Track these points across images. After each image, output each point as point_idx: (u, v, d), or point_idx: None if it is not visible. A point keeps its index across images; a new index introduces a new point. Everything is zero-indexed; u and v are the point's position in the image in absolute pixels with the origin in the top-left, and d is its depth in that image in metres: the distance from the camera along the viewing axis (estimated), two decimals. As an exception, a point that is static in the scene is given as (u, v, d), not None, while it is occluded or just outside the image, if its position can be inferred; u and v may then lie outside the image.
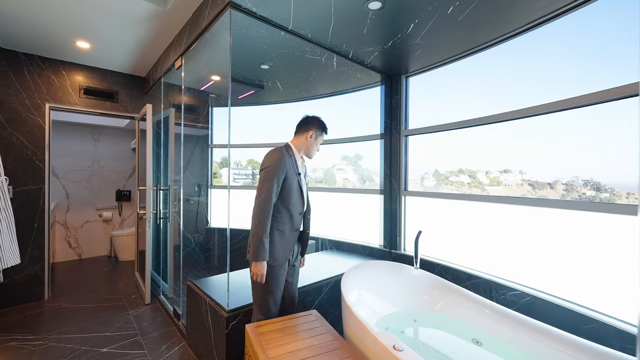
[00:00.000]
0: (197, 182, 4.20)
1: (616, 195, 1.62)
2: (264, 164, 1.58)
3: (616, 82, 1.53)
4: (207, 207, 4.07)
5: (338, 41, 2.17)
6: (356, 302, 1.71)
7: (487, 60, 2.22)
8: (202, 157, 4.23)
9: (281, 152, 1.61)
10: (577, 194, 1.76)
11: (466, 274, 2.20)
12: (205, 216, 4.06)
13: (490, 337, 1.57)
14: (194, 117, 3.94)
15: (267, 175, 1.54)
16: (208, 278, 2.21)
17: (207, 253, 3.97)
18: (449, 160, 2.52)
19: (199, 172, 4.22)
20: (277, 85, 3.12)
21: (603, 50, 1.67)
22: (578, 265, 1.71)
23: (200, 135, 4.27)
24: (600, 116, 1.64)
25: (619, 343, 1.42)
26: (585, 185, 1.73)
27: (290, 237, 1.64)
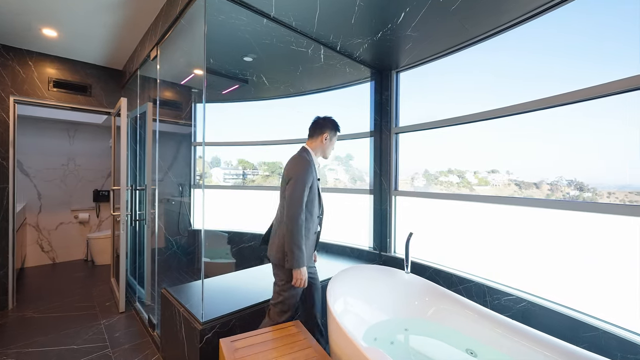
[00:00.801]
0: (179, 182, 4.01)
1: (598, 194, 1.62)
2: (294, 173, 1.60)
3: (601, 79, 1.48)
4: (189, 208, 3.88)
5: (325, 31, 2.03)
6: (343, 311, 1.58)
7: (476, 56, 2.13)
8: (186, 156, 4.04)
9: (308, 161, 1.65)
10: (561, 193, 1.77)
11: (458, 277, 2.10)
12: (188, 217, 3.87)
13: (485, 347, 1.47)
14: (176, 114, 3.74)
15: (299, 186, 1.57)
16: (183, 285, 2.05)
17: (189, 256, 3.79)
18: (438, 160, 2.47)
19: (183, 171, 4.03)
20: (262, 79, 2.97)
21: (604, 46, 1.58)
22: (575, 268, 1.63)
23: (184, 133, 4.07)
24: (585, 115, 1.61)
25: (621, 353, 1.33)
26: (569, 185, 1.74)
27: (312, 239, 1.70)
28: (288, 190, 1.57)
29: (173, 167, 4.03)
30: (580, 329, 1.48)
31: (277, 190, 3.66)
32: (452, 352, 1.56)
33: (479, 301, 1.94)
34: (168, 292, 1.94)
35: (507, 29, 1.89)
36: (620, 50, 1.50)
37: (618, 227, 1.47)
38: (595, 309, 1.51)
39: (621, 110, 1.50)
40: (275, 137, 3.54)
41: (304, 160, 1.65)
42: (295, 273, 1.55)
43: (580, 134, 1.67)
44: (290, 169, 1.63)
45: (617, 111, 1.51)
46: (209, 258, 3.43)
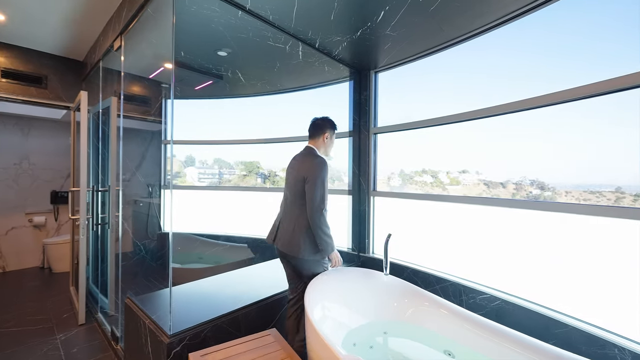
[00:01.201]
0: (149, 182, 3.78)
1: (557, 193, 1.71)
2: (314, 172, 1.71)
3: (567, 84, 1.54)
4: (159, 209, 3.67)
5: (303, 27, 1.97)
6: (322, 317, 1.53)
7: (453, 59, 2.16)
8: (156, 154, 3.81)
9: (325, 160, 1.79)
10: (525, 192, 1.86)
11: (435, 277, 2.12)
12: (158, 220, 3.65)
13: (462, 348, 1.48)
14: (144, 109, 3.52)
15: (323, 184, 1.71)
16: (150, 294, 1.90)
17: (159, 261, 3.57)
18: (413, 161, 2.53)
19: (152, 170, 3.80)
20: (237, 76, 2.85)
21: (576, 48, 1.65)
22: (544, 266, 1.68)
23: (154, 130, 3.85)
24: (546, 121, 1.70)
25: (588, 348, 1.38)
26: (532, 184, 1.83)
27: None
28: (311, 189, 1.69)
29: (141, 166, 3.80)
30: (551, 326, 1.53)
31: (255, 190, 3.55)
32: (431, 354, 1.56)
33: (456, 300, 1.96)
34: (132, 302, 1.79)
35: (481, 33, 1.92)
36: (594, 53, 1.57)
37: (581, 226, 1.54)
38: (564, 305, 1.56)
39: (577, 116, 1.59)
40: (253, 136, 3.43)
41: (322, 160, 1.78)
42: (332, 256, 1.77)
43: (540, 137, 1.76)
44: (310, 169, 1.73)
45: (574, 117, 1.61)
46: (179, 263, 3.25)
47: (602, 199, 1.54)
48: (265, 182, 3.79)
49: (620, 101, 1.42)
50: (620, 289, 1.41)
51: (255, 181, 3.85)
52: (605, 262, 1.47)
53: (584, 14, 1.56)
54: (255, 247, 3.24)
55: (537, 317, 1.59)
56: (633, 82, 1.32)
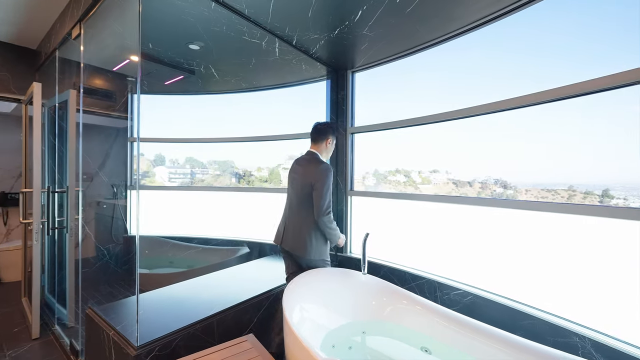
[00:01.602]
0: (113, 183, 3.53)
1: (518, 191, 1.83)
2: (321, 178, 1.82)
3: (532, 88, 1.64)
4: (125, 211, 3.44)
5: (280, 23, 1.92)
6: (300, 319, 1.50)
7: (428, 60, 2.21)
8: (122, 153, 3.57)
9: (329, 166, 1.89)
10: (489, 190, 1.97)
11: (411, 274, 2.16)
12: (124, 222, 3.42)
13: (439, 344, 1.51)
14: (108, 104, 3.28)
15: (328, 191, 1.82)
16: (115, 303, 1.77)
17: (125, 267, 3.35)
18: (387, 160, 2.59)
19: (117, 170, 3.56)
20: (211, 71, 2.74)
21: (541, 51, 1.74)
22: (511, 261, 1.77)
23: (119, 127, 3.60)
24: (508, 122, 1.81)
25: (552, 337, 1.47)
26: (496, 183, 1.94)
27: None
28: (319, 196, 1.80)
29: (105, 165, 3.54)
30: (518, 318, 1.61)
31: (230, 191, 3.43)
32: (408, 351, 1.58)
33: (431, 297, 2.01)
34: (94, 312, 1.65)
35: (456, 36, 1.98)
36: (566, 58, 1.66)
37: (540, 221, 1.63)
38: (530, 297, 1.65)
39: (534, 121, 1.71)
40: (227, 134, 3.31)
41: (328, 166, 1.89)
42: (340, 240, 1.94)
43: (503, 139, 1.88)
44: (316, 176, 1.83)
45: (532, 121, 1.72)
46: (147, 269, 3.07)
47: (557, 196, 1.66)
48: (240, 182, 3.69)
49: (575, 107, 1.53)
50: (578, 280, 1.51)
51: (230, 181, 3.73)
52: (564, 255, 1.57)
53: (548, 21, 1.66)
54: (231, 249, 3.13)
55: (506, 310, 1.66)
56: (595, 87, 1.41)
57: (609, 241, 1.42)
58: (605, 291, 1.43)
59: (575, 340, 1.39)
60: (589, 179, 1.56)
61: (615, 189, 1.47)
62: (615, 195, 1.47)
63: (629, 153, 1.41)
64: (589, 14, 1.55)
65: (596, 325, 1.40)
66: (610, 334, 1.35)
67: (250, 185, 3.58)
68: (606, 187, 1.50)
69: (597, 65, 1.45)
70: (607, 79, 1.36)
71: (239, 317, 1.75)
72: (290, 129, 2.96)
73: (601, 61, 1.47)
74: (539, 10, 1.63)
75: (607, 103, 1.45)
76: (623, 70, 1.31)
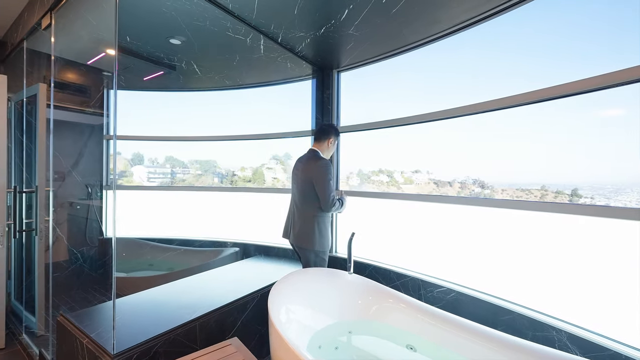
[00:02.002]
0: (88, 182, 3.36)
1: (494, 191, 1.91)
2: (322, 175, 1.95)
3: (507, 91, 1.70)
4: (101, 212, 3.29)
5: (265, 19, 1.89)
6: (286, 321, 1.47)
7: (413, 61, 2.25)
8: (97, 151, 3.40)
9: (327, 162, 2.01)
10: (468, 190, 2.04)
11: (396, 273, 2.19)
12: (99, 224, 3.27)
13: (424, 341, 1.53)
14: (82, 100, 3.12)
15: (329, 184, 1.95)
16: (89, 309, 1.68)
17: (101, 270, 3.20)
18: (370, 161, 2.64)
19: (92, 169, 3.39)
20: (193, 67, 2.66)
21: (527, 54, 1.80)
22: (492, 258, 1.82)
23: (94, 124, 3.42)
24: (487, 125, 1.88)
25: (531, 331, 1.52)
26: (474, 183, 2.02)
27: (330, 228, 2.09)
28: (321, 190, 1.94)
29: (79, 164, 3.36)
30: (499, 313, 1.66)
31: (212, 191, 3.35)
32: (394, 349, 1.59)
33: (415, 294, 2.04)
34: (67, 320, 1.56)
35: (439, 39, 2.02)
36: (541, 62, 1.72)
37: (518, 219, 1.69)
38: (510, 293, 1.71)
39: (509, 123, 1.79)
40: (210, 133, 3.23)
41: (325, 162, 2.00)
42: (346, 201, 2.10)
43: (481, 140, 1.96)
44: (316, 172, 1.96)
45: (508, 124, 1.80)
46: (124, 272, 2.94)
47: (531, 195, 1.75)
48: (223, 182, 3.60)
49: (544, 112, 1.61)
50: (554, 275, 1.57)
51: (212, 181, 3.64)
52: (540, 251, 1.63)
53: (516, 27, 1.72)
54: (214, 250, 3.05)
55: (487, 306, 1.71)
56: (561, 92, 1.47)
57: (582, 238, 1.49)
58: (580, 285, 1.49)
59: (552, 334, 1.44)
60: (559, 179, 1.66)
61: (584, 189, 1.56)
62: (583, 195, 1.56)
63: (596, 155, 1.50)
64: (558, 20, 1.61)
65: (571, 319, 1.46)
66: (584, 326, 1.42)
67: (234, 185, 3.51)
68: (575, 187, 1.58)
69: (570, 68, 1.52)
70: (578, 84, 1.42)
71: (223, 320, 1.71)
72: (275, 128, 2.92)
73: (573, 65, 1.54)
74: (507, 19, 1.68)
75: (575, 108, 1.53)
76: (592, 76, 1.38)
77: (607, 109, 1.46)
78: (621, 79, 1.29)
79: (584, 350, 1.34)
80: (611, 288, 1.41)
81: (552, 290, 1.57)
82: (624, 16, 1.40)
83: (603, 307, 1.41)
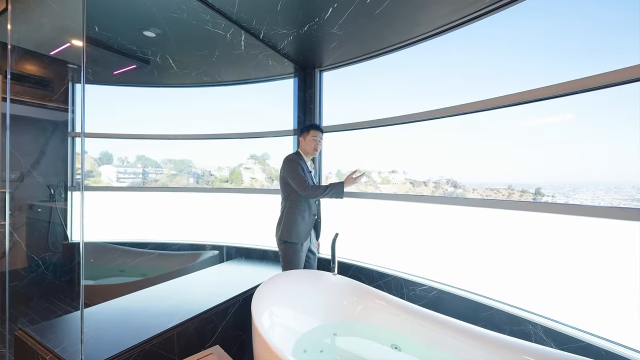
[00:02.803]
0: (50, 183, 3.11)
1: (466, 190, 1.99)
2: (288, 169, 2.02)
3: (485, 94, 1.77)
4: (65, 215, 3.05)
5: (247, 14, 1.83)
6: (270, 325, 1.43)
7: (394, 61, 2.28)
8: (61, 149, 3.16)
9: (293, 158, 2.06)
10: (442, 190, 2.12)
11: (379, 273, 2.20)
12: (63, 228, 3.03)
13: (409, 340, 1.54)
14: (44, 94, 2.87)
15: (295, 173, 1.99)
16: (53, 321, 1.55)
17: (66, 277, 2.97)
18: (349, 161, 2.68)
19: (55, 169, 3.14)
20: (168, 62, 2.53)
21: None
22: (470, 256, 1.88)
23: (58, 120, 3.17)
24: (458, 128, 1.97)
25: (509, 326, 1.58)
26: (447, 183, 2.10)
27: (309, 220, 2.08)
28: (291, 178, 2.00)
29: (40, 163, 3.10)
30: (479, 310, 1.71)
31: (188, 191, 3.21)
32: (379, 349, 1.59)
33: (398, 293, 2.06)
34: (26, 334, 1.42)
35: (419, 41, 2.05)
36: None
37: (492, 218, 1.76)
38: (490, 291, 1.77)
39: (479, 126, 1.87)
40: (185, 131, 3.09)
41: (287, 157, 2.08)
42: (350, 183, 1.98)
43: (453, 142, 2.04)
44: (283, 167, 2.06)
45: (478, 127, 1.88)
46: (92, 279, 2.75)
47: (499, 194, 1.84)
48: (199, 182, 3.47)
49: (511, 115, 1.70)
50: (529, 271, 1.64)
51: (188, 181, 3.49)
52: (515, 248, 1.70)
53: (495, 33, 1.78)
54: (191, 253, 2.93)
55: (468, 303, 1.76)
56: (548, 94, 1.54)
57: (550, 234, 1.57)
58: (554, 280, 1.57)
59: (529, 328, 1.50)
60: (523, 179, 1.77)
61: (546, 188, 1.66)
62: (545, 193, 1.66)
63: (555, 158, 1.62)
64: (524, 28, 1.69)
65: (546, 312, 1.53)
66: (558, 319, 1.49)
67: (210, 186, 3.39)
68: (538, 186, 1.68)
69: (534, 74, 1.60)
70: (540, 91, 1.50)
71: (202, 327, 1.63)
72: (254, 127, 2.85)
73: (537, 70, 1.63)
74: (482, 26, 1.74)
75: (532, 114, 1.63)
76: (554, 84, 1.46)
77: (559, 114, 1.57)
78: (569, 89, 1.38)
79: (558, 342, 1.41)
80: (582, 281, 1.49)
81: (528, 284, 1.64)
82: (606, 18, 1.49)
83: (575, 300, 1.49)
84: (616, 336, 1.32)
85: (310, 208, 2.10)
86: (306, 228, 2.06)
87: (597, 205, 1.40)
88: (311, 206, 2.11)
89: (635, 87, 1.26)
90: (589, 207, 1.37)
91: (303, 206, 2.06)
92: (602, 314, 1.41)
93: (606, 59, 1.37)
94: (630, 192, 1.47)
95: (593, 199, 1.55)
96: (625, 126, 1.40)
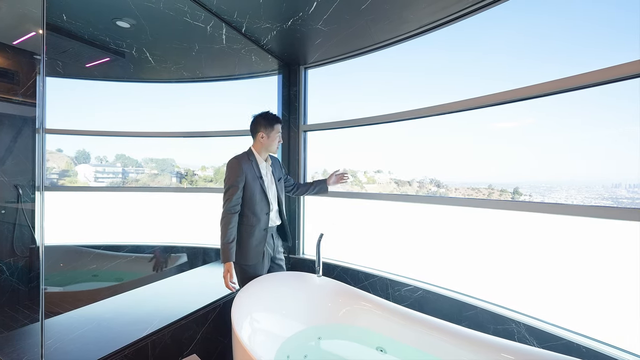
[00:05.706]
0: (17, 183, 2.91)
1: (449, 190, 2.02)
2: (225, 176, 1.73)
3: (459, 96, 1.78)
4: (33, 217, 2.86)
5: (228, 6, 1.75)
6: (252, 332, 1.37)
7: (382, 60, 2.25)
8: (29, 147, 2.95)
9: (238, 160, 1.71)
10: (426, 189, 2.14)
11: (364, 273, 2.17)
12: (31, 231, 2.84)
13: (394, 342, 1.52)
14: (8, 87, 2.67)
15: (227, 187, 1.69)
16: (12, 333, 1.44)
17: (33, 283, 2.78)
18: (334, 160, 2.66)
19: (22, 167, 2.93)
20: (145, 55, 2.40)
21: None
22: (454, 255, 1.88)
23: (25, 116, 2.96)
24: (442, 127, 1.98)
25: (493, 325, 1.58)
26: (431, 182, 2.12)
27: (260, 236, 1.72)
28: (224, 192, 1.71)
29: (5, 162, 2.89)
30: (463, 309, 1.70)
31: (170, 191, 3.08)
32: (364, 352, 1.56)
33: (383, 294, 2.04)
34: (-18, 349, 1.29)
35: (405, 40, 2.03)
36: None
37: (476, 217, 1.77)
38: (474, 290, 1.77)
39: (461, 125, 1.89)
40: (167, 129, 2.97)
41: (234, 161, 1.72)
42: (224, 269, 1.63)
43: (436, 142, 2.07)
44: (225, 172, 1.74)
45: (457, 129, 1.90)
46: (60, 286, 2.59)
47: (480, 193, 1.87)
48: (182, 182, 3.34)
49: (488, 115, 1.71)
50: (512, 269, 1.66)
51: (170, 181, 3.36)
52: (497, 246, 1.71)
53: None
54: (171, 256, 2.81)
55: (452, 303, 1.75)
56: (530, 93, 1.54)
57: (535, 233, 1.58)
58: (538, 279, 1.58)
59: (512, 326, 1.51)
60: (502, 179, 1.81)
61: (523, 187, 1.69)
62: (523, 192, 1.69)
63: (532, 158, 1.66)
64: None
65: (528, 311, 1.54)
66: (540, 317, 1.50)
67: (194, 186, 3.27)
68: (516, 186, 1.71)
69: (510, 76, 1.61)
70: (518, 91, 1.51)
71: (180, 334, 1.55)
72: (238, 124, 2.76)
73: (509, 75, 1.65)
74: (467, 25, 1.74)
75: (510, 116, 1.65)
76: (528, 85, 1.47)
77: (534, 116, 1.59)
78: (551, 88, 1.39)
79: (540, 340, 1.42)
80: (564, 279, 1.51)
81: (511, 283, 1.65)
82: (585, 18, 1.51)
83: (557, 298, 1.51)
84: (596, 333, 1.34)
85: (259, 221, 1.72)
86: (258, 247, 1.71)
87: (582, 204, 1.42)
88: (260, 219, 1.72)
89: (607, 89, 1.29)
90: (576, 206, 1.39)
91: (250, 220, 1.71)
92: (583, 312, 1.43)
93: (586, 59, 1.39)
94: (599, 190, 1.53)
95: (567, 198, 1.60)
96: (595, 128, 1.46)
